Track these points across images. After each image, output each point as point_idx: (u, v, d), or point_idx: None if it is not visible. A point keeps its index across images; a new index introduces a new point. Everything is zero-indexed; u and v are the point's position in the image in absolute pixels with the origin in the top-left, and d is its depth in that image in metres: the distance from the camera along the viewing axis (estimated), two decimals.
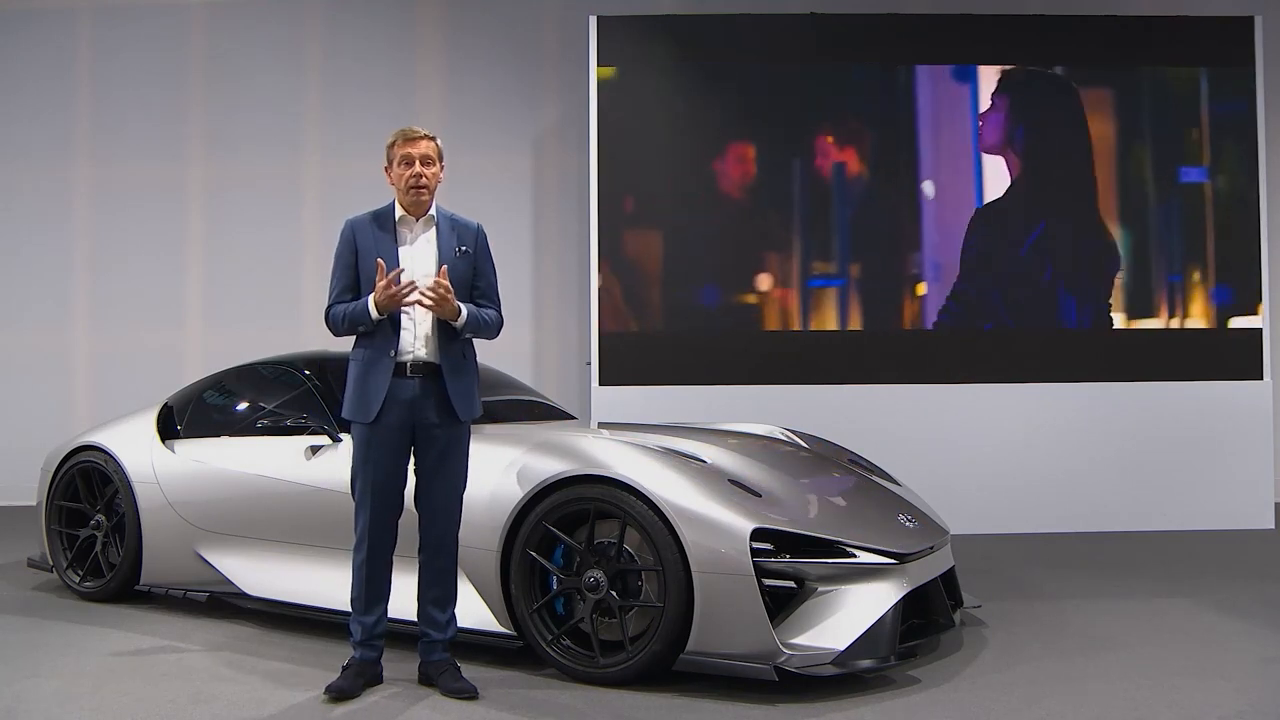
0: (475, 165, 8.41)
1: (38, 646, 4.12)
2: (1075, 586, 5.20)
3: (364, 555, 3.53)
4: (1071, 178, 7.27)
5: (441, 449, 3.54)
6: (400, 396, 3.49)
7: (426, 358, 3.53)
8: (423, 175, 3.56)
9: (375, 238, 3.56)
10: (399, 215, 3.61)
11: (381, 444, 3.51)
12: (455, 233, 3.64)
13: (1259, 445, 7.14)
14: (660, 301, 7.25)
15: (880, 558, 3.61)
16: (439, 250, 3.58)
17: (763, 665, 3.35)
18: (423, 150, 3.58)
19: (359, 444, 3.54)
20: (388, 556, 3.58)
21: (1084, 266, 7.25)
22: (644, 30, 7.38)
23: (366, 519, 3.53)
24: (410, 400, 3.50)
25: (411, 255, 3.57)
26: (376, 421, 3.49)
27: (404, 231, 3.60)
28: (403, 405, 3.50)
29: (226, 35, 8.52)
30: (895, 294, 7.24)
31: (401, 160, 3.57)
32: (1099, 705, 3.37)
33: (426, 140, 3.61)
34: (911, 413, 7.08)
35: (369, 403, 3.49)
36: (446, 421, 3.54)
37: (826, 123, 7.28)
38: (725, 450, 4.07)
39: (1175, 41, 7.30)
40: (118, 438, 5.01)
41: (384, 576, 3.58)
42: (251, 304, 8.38)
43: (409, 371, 3.51)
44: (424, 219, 3.62)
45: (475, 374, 3.66)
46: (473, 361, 3.66)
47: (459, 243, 3.62)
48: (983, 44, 7.34)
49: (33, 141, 8.55)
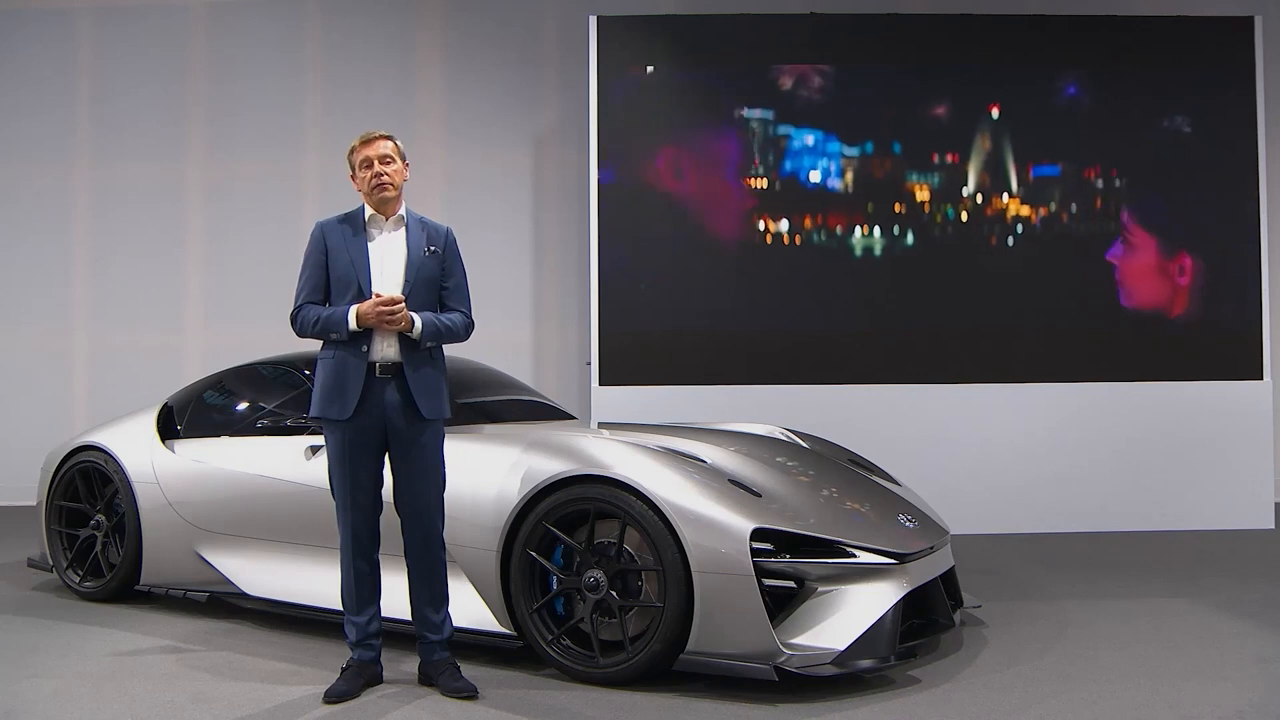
0: (475, 165, 8.42)
1: (38, 647, 4.12)
2: (1075, 586, 5.20)
3: (349, 556, 3.55)
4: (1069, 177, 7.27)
5: (411, 450, 3.54)
6: (369, 396, 3.50)
7: (393, 357, 3.54)
8: (384, 174, 3.57)
9: (345, 238, 3.58)
10: (369, 215, 3.62)
11: (354, 443, 3.51)
12: (424, 233, 3.65)
13: (1259, 445, 7.14)
14: (660, 301, 7.25)
15: (880, 558, 3.61)
16: (408, 249, 3.60)
17: (763, 665, 3.35)
18: (380, 150, 3.59)
19: (332, 444, 3.55)
20: (373, 556, 3.58)
21: (1084, 266, 7.25)
22: (644, 30, 7.38)
23: (347, 519, 3.54)
24: (380, 399, 3.51)
25: (381, 255, 3.58)
26: (349, 420, 3.49)
27: (373, 231, 3.62)
28: (372, 405, 3.51)
29: (226, 35, 8.52)
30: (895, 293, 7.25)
31: (362, 163, 3.60)
32: (1099, 705, 3.37)
33: (383, 140, 3.63)
34: (911, 413, 7.09)
35: (344, 400, 3.49)
36: (413, 421, 3.54)
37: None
38: (725, 450, 4.07)
39: (1175, 41, 7.30)
40: (118, 438, 5.01)
41: (372, 576, 3.58)
42: (251, 304, 8.38)
43: (378, 371, 3.52)
44: (393, 219, 3.63)
45: (442, 373, 3.66)
46: (439, 361, 3.67)
47: (428, 243, 3.64)
48: (983, 44, 7.34)
49: (33, 141, 8.55)
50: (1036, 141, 7.28)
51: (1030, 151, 7.27)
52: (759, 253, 7.24)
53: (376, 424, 3.52)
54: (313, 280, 3.60)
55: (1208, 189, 7.28)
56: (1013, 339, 7.22)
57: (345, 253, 3.55)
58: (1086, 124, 7.28)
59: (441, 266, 3.65)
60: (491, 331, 7.50)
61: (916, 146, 7.27)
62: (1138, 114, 7.28)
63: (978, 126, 7.30)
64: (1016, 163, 7.27)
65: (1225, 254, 7.26)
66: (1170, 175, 7.27)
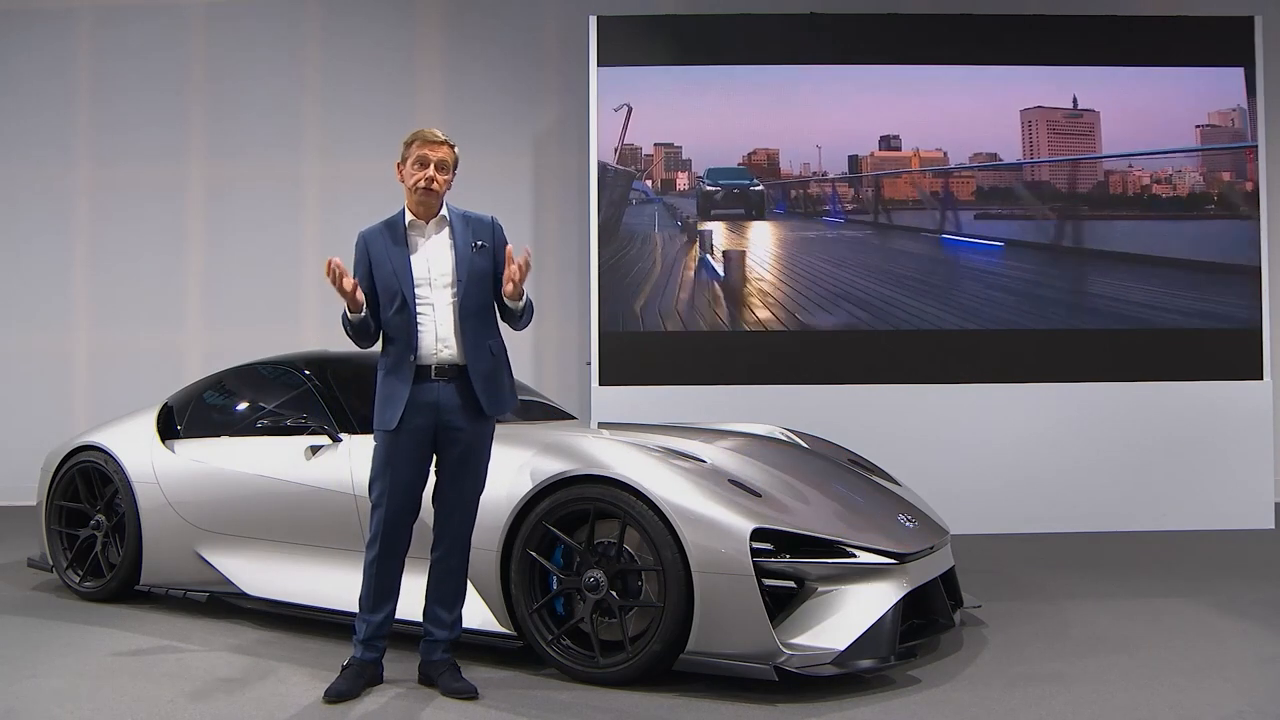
0: (475, 165, 8.35)
1: (38, 646, 4.12)
2: (1075, 586, 5.20)
3: (376, 553, 3.51)
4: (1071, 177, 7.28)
5: (464, 449, 3.52)
6: (423, 400, 3.46)
7: (451, 359, 3.50)
8: (435, 180, 3.52)
9: (388, 245, 3.54)
10: (409, 220, 3.57)
11: (404, 449, 3.48)
12: (470, 228, 3.60)
13: (1259, 445, 7.13)
14: (660, 302, 7.25)
15: (880, 558, 3.61)
16: (455, 248, 3.55)
17: (763, 665, 3.35)
18: (440, 155, 3.55)
19: (381, 449, 3.51)
20: (401, 556, 3.56)
21: (1083, 266, 7.25)
22: (644, 30, 7.38)
23: (382, 518, 3.49)
24: (434, 403, 3.47)
25: (427, 258, 3.54)
26: (399, 429, 3.46)
27: (415, 237, 3.57)
28: (426, 409, 3.47)
29: (226, 36, 8.52)
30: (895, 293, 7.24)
31: (417, 161, 3.53)
32: (1099, 705, 3.37)
33: (447, 147, 3.59)
34: (911, 413, 7.08)
35: (390, 411, 3.46)
36: (472, 422, 3.52)
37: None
38: (725, 450, 4.08)
39: (1175, 41, 7.30)
40: (118, 438, 5.01)
41: (395, 576, 3.56)
42: (251, 304, 8.38)
43: (433, 375, 3.49)
44: (435, 220, 3.58)
45: (505, 367, 3.64)
46: (503, 356, 3.64)
47: (474, 238, 3.59)
48: (983, 44, 7.34)
49: (33, 141, 8.55)
50: (1036, 140, 7.27)
51: (1030, 150, 7.26)
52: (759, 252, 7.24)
53: (427, 428, 3.48)
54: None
55: (1208, 189, 7.27)
56: (1013, 339, 7.22)
57: (388, 262, 3.50)
58: (1086, 123, 7.28)
59: (493, 259, 3.60)
60: None
61: (916, 146, 7.27)
62: (1137, 113, 7.27)
63: (977, 126, 7.30)
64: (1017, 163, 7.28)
65: (1225, 254, 7.26)
66: (1170, 175, 7.27)
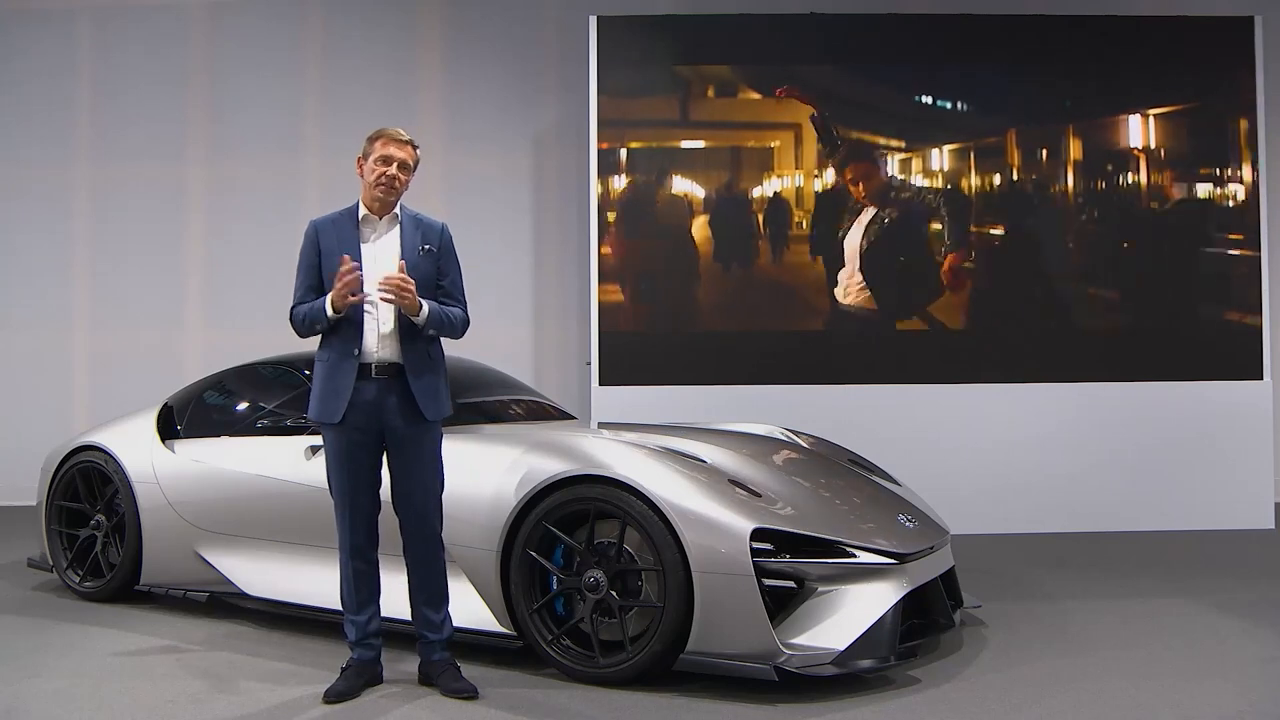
0: (475, 165, 8.42)
1: (38, 647, 4.12)
2: (1075, 586, 5.20)
3: (347, 555, 3.55)
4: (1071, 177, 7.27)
5: (410, 451, 3.53)
6: (364, 398, 3.48)
7: (390, 358, 3.52)
8: (396, 179, 3.56)
9: (339, 237, 3.57)
10: (362, 214, 3.61)
11: (350, 445, 3.51)
12: (419, 231, 3.63)
13: (1259, 445, 7.13)
14: (660, 301, 7.25)
15: (880, 558, 3.61)
16: (403, 247, 3.57)
17: (763, 665, 3.35)
18: (403, 156, 3.58)
19: (329, 446, 3.56)
20: (371, 555, 3.58)
21: (1083, 266, 7.25)
22: (644, 30, 7.38)
23: (345, 520, 3.54)
24: (375, 401, 3.49)
25: (375, 253, 3.56)
26: (343, 423, 3.49)
27: (367, 230, 3.60)
28: (368, 406, 3.49)
29: (226, 35, 8.52)
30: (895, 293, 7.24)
31: (381, 158, 3.56)
32: (1099, 705, 3.37)
33: (411, 148, 3.62)
34: (911, 413, 7.08)
35: (335, 405, 3.48)
36: (412, 422, 3.52)
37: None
38: (725, 450, 4.07)
39: (1175, 41, 7.30)
40: (118, 438, 5.01)
41: (371, 575, 3.58)
42: (251, 304, 8.37)
43: (373, 373, 3.50)
44: (388, 217, 3.61)
45: (442, 372, 3.64)
46: (439, 360, 3.64)
47: (423, 240, 3.61)
48: (983, 44, 7.33)
49: (33, 141, 8.55)
50: (1037, 141, 7.27)
51: (1030, 151, 7.26)
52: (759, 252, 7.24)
53: (373, 425, 3.51)
54: (307, 280, 3.60)
55: (1207, 188, 7.27)
56: (1013, 339, 7.21)
57: (338, 252, 3.52)
58: (1086, 124, 7.28)
59: (437, 264, 3.63)
60: (491, 331, 7.51)
61: (916, 146, 7.27)
62: (1137, 114, 7.27)
63: (977, 126, 7.30)
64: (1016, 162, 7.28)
65: (1225, 254, 7.25)
66: (1170, 175, 7.27)
